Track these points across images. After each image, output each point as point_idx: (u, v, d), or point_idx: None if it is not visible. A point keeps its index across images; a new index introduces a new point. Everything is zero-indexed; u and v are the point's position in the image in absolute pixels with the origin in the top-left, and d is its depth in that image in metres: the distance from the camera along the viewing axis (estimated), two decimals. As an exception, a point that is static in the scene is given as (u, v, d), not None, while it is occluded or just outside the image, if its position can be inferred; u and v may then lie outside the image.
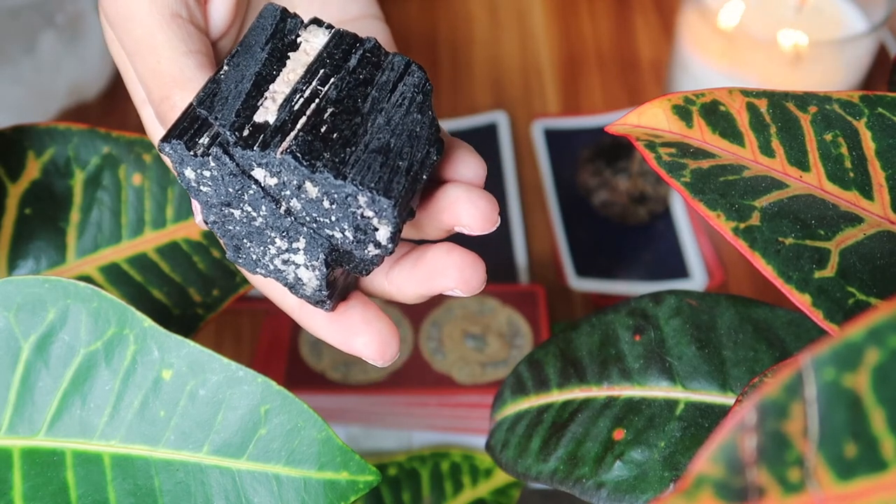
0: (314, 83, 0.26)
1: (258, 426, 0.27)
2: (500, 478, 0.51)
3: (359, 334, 0.27)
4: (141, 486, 0.27)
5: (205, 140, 0.25)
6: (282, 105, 0.25)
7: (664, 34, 0.75)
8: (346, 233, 0.25)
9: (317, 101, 0.25)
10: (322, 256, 0.25)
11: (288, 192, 0.25)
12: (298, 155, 0.24)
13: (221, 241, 0.27)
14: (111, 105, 0.69)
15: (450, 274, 0.26)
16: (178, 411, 0.27)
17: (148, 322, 0.27)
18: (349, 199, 0.24)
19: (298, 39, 0.27)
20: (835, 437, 0.15)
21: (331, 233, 0.25)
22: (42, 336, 0.27)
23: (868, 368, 0.15)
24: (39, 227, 0.36)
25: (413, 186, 0.25)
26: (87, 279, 0.36)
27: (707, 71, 0.62)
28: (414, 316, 0.55)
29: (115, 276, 0.36)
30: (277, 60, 0.26)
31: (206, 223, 0.26)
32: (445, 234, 0.28)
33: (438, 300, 0.56)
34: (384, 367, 0.26)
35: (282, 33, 0.27)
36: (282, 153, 0.24)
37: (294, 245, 0.26)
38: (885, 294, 0.25)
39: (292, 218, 0.25)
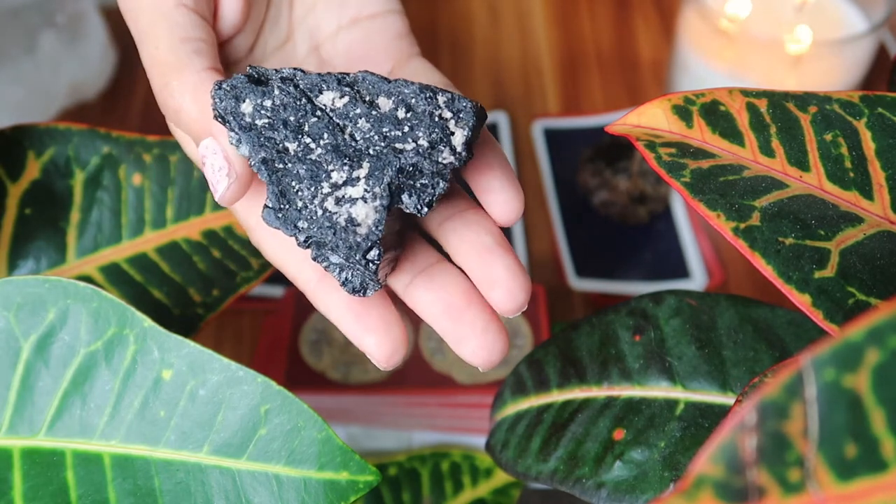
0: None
1: (258, 426, 0.27)
2: (500, 478, 0.51)
3: (372, 332, 0.26)
4: (141, 486, 0.27)
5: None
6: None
7: (664, 34, 0.75)
8: (420, 140, 0.25)
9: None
10: (386, 179, 0.25)
11: (358, 111, 0.25)
12: (375, 73, 0.26)
13: (265, 189, 0.27)
14: (111, 105, 0.69)
15: (469, 345, 0.26)
16: (178, 411, 0.27)
17: (148, 322, 0.27)
18: (428, 97, 0.25)
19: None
20: (835, 438, 0.15)
21: (402, 146, 0.25)
22: (42, 336, 0.27)
23: (868, 369, 0.15)
24: (39, 227, 0.36)
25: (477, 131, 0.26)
26: (87, 279, 0.36)
27: (707, 71, 0.62)
28: (414, 315, 0.55)
29: (115, 276, 0.36)
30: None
31: (252, 164, 0.25)
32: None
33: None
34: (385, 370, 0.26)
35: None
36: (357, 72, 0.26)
37: (354, 174, 0.25)
38: (885, 294, 0.25)
39: (356, 143, 0.25)
